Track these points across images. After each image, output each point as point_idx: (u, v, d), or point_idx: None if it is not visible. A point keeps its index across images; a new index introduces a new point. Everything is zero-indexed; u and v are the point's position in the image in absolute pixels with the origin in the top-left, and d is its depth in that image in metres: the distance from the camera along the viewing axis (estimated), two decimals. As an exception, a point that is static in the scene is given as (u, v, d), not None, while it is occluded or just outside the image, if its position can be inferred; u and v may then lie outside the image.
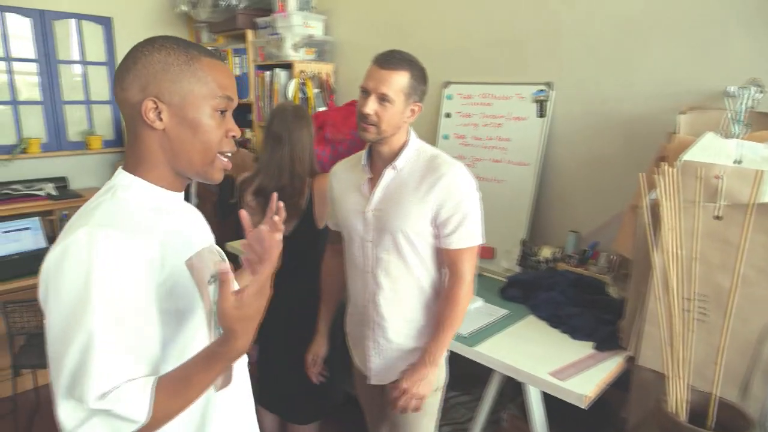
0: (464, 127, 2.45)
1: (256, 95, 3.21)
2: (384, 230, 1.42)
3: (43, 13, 3.15)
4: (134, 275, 0.79)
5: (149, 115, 0.85)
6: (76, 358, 0.74)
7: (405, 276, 1.45)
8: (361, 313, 1.55)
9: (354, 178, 1.51)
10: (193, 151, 0.88)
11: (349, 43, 3.07)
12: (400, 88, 1.34)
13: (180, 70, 0.86)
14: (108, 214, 0.82)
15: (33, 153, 3.19)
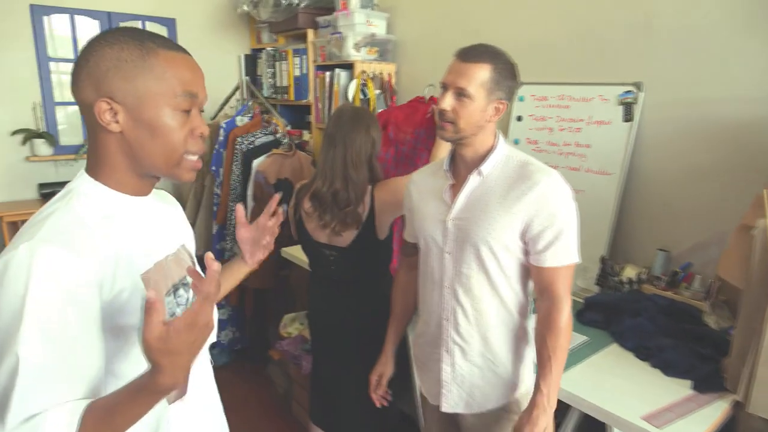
0: (538, 132, 2.26)
1: (315, 96, 3.13)
2: (466, 241, 1.29)
3: (110, 15, 3.19)
4: (74, 297, 0.74)
5: (104, 117, 0.79)
6: (2, 380, 0.71)
7: (488, 295, 1.31)
8: (434, 333, 1.41)
9: (435, 184, 1.39)
10: (154, 155, 0.83)
11: (412, 42, 2.93)
12: (481, 83, 1.22)
13: (134, 66, 0.79)
14: (57, 228, 0.77)
15: (98, 153, 3.23)
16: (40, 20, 2.98)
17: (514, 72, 1.27)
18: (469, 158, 1.31)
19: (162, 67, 0.80)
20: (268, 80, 3.42)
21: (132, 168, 0.84)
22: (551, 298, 1.26)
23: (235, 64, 3.73)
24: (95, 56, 0.79)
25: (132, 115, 0.80)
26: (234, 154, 2.89)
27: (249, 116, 3.09)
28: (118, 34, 0.81)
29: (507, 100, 1.26)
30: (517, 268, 1.30)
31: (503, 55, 1.26)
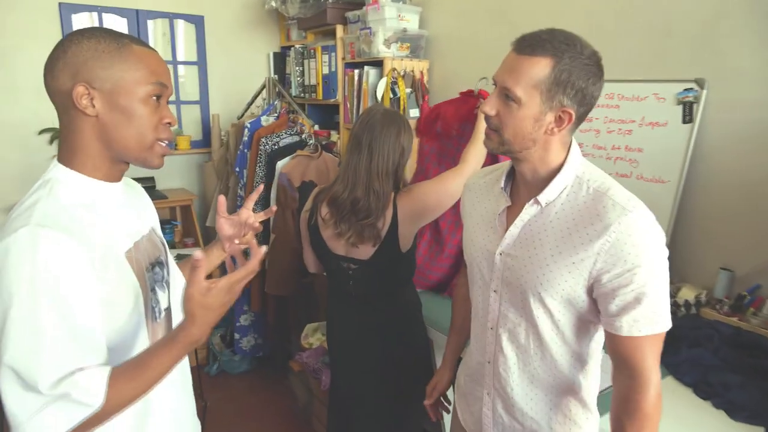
0: (583, 134, 2.04)
1: (344, 95, 2.98)
2: (514, 284, 1.06)
3: (138, 13, 3.14)
4: (76, 273, 0.81)
5: (81, 101, 0.85)
6: (25, 351, 0.76)
7: (536, 347, 1.07)
8: (476, 370, 1.22)
9: (489, 202, 1.15)
10: (128, 137, 0.89)
11: (446, 37, 2.75)
12: (534, 83, 0.93)
13: (111, 56, 0.86)
14: (47, 213, 0.83)
15: (124, 153, 3.19)
16: (69, 18, 2.95)
17: (591, 69, 0.94)
18: (528, 177, 1.04)
19: (136, 58, 0.88)
20: (296, 79, 3.31)
21: (105, 153, 0.90)
22: (632, 375, 0.97)
23: (265, 62, 3.64)
24: (73, 48, 0.85)
25: (108, 100, 0.87)
26: (258, 155, 2.78)
27: (275, 116, 2.98)
28: (94, 30, 0.88)
29: (581, 106, 0.96)
30: (576, 323, 1.04)
31: (576, 44, 0.94)
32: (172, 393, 1.03)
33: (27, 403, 0.77)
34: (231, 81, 3.54)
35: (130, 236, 0.96)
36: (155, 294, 0.99)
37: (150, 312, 0.96)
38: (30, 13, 2.85)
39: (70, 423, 0.78)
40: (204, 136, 3.53)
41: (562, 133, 0.98)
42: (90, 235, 0.85)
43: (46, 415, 0.77)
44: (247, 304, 3.02)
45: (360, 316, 1.74)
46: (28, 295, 0.77)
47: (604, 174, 1.03)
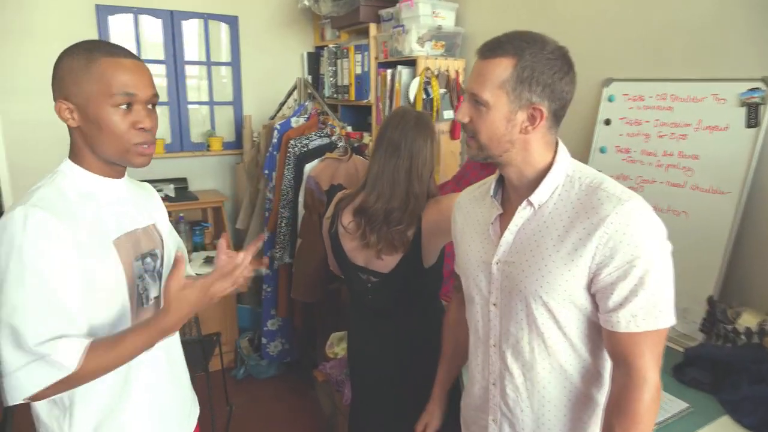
0: (630, 138, 1.87)
1: (376, 96, 2.88)
2: (514, 293, 1.01)
3: (173, 14, 3.13)
4: (58, 250, 0.93)
5: (64, 114, 0.99)
6: (13, 311, 0.89)
7: (543, 361, 1.01)
8: (480, 396, 1.13)
9: (481, 213, 1.12)
10: (104, 144, 1.00)
11: (484, 35, 2.56)
12: (499, 84, 0.93)
13: (80, 73, 0.96)
14: (43, 197, 0.96)
15: (157, 153, 3.19)
16: (105, 20, 2.97)
17: (556, 64, 0.93)
18: (515, 182, 1.02)
19: (101, 72, 0.96)
20: (329, 79, 3.23)
21: (96, 155, 1.02)
22: (628, 373, 0.93)
23: (299, 62, 3.58)
24: (59, 65, 0.99)
25: (82, 113, 0.98)
26: (287, 158, 2.71)
27: (305, 117, 2.90)
28: (76, 47, 0.98)
29: (550, 101, 0.94)
30: (585, 328, 0.99)
31: (537, 41, 0.94)
32: (153, 379, 1.13)
33: (15, 358, 0.89)
34: (265, 82, 3.50)
35: (122, 227, 1.06)
36: (143, 281, 1.09)
37: (136, 297, 1.07)
38: (67, 15, 2.88)
39: (47, 381, 0.90)
40: (237, 137, 3.50)
41: (541, 132, 0.97)
42: (80, 220, 0.97)
43: (28, 370, 0.89)
44: (275, 308, 2.96)
45: (379, 329, 1.63)
46: (15, 263, 0.89)
47: (596, 171, 1.01)
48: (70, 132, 1.03)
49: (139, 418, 1.10)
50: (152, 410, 1.13)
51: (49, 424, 1.03)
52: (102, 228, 1.02)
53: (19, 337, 0.89)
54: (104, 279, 1.00)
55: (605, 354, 1.00)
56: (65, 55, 0.98)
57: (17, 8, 2.76)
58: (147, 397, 1.12)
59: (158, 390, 1.15)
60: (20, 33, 2.80)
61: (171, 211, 3.10)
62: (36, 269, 0.90)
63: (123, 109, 0.98)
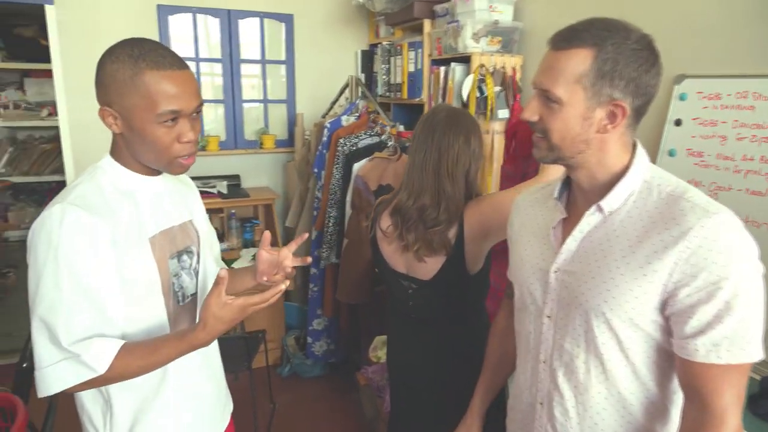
0: (704, 141, 1.69)
1: (429, 94, 2.80)
2: (572, 306, 0.92)
3: (230, 13, 3.18)
4: (96, 248, 0.94)
5: (107, 120, 0.98)
6: (49, 308, 0.91)
7: (599, 385, 0.91)
8: (526, 413, 1.05)
9: (542, 216, 1.04)
10: (146, 154, 1.00)
11: (545, 29, 2.46)
12: (575, 78, 0.84)
13: (125, 84, 0.94)
14: (81, 194, 0.97)
15: (212, 150, 3.26)
16: (165, 20, 3.05)
17: (641, 55, 0.83)
18: (585, 185, 0.93)
19: (146, 87, 0.94)
20: (382, 77, 3.18)
21: (136, 158, 1.03)
22: (703, 410, 0.81)
23: (353, 60, 3.55)
24: (102, 69, 0.96)
25: (126, 122, 0.97)
26: (336, 156, 2.68)
27: (356, 116, 2.87)
28: (120, 52, 0.95)
29: (633, 98, 0.84)
30: (652, 354, 0.88)
31: (619, 29, 0.84)
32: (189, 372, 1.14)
33: (49, 354, 0.91)
34: (318, 80, 3.49)
35: (158, 224, 1.07)
36: (179, 279, 1.11)
37: (172, 295, 1.09)
38: (129, 15, 2.99)
39: (75, 380, 0.92)
40: (289, 136, 3.52)
41: (618, 132, 0.87)
42: (118, 217, 0.99)
43: (59, 367, 0.91)
44: (321, 308, 2.94)
45: (420, 337, 1.55)
46: (52, 260, 0.91)
47: (678, 178, 0.90)
48: (112, 134, 1.04)
49: (176, 409, 1.12)
50: (189, 402, 1.15)
51: (92, 412, 1.07)
52: (139, 226, 1.03)
53: (54, 335, 0.91)
54: (139, 277, 1.01)
55: (675, 386, 0.89)
56: (109, 61, 0.95)
57: (85, 10, 2.89)
58: (184, 390, 1.14)
59: (194, 383, 1.17)
60: (87, 33, 2.93)
61: (223, 207, 3.17)
62: (72, 267, 0.92)
63: (168, 124, 0.97)
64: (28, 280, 0.94)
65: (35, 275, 0.92)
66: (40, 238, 0.92)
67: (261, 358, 2.82)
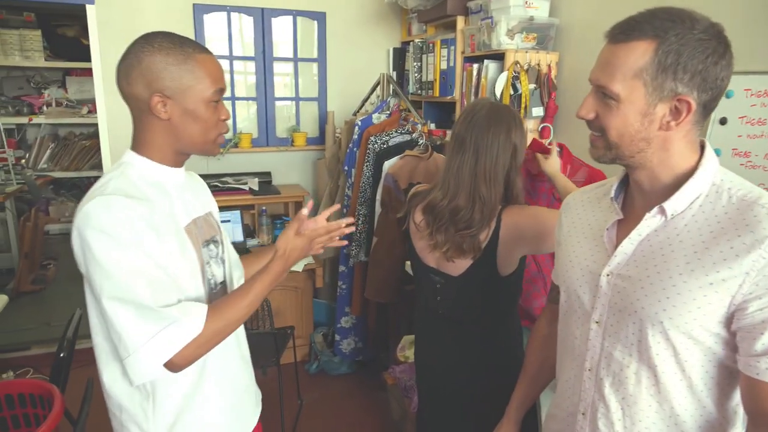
0: (752, 141, 1.62)
1: (461, 92, 2.77)
2: (626, 313, 0.86)
3: (263, 11, 3.20)
4: (143, 230, 0.96)
5: (157, 107, 1.01)
6: (130, 289, 0.92)
7: (650, 398, 0.86)
8: (566, 423, 1.00)
9: (594, 216, 0.99)
10: (194, 135, 1.05)
11: (581, 25, 2.40)
12: (634, 72, 0.78)
13: (179, 68, 1.00)
14: (119, 186, 0.99)
15: (244, 147, 3.29)
16: (201, 18, 3.10)
17: (709, 45, 0.77)
18: (646, 186, 0.88)
19: (199, 68, 1.02)
20: (414, 75, 3.15)
21: (172, 146, 1.06)
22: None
23: (384, 58, 3.54)
24: (147, 60, 0.99)
25: (178, 106, 1.02)
26: (366, 154, 2.67)
27: (387, 114, 2.85)
28: (163, 41, 1.00)
29: (699, 93, 0.78)
30: (712, 370, 0.82)
31: (684, 19, 0.78)
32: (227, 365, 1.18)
33: (144, 328, 0.91)
34: (349, 77, 3.49)
35: (189, 214, 1.11)
36: (210, 267, 1.14)
37: (206, 282, 1.11)
38: (166, 13, 3.04)
39: (179, 346, 0.93)
40: (320, 133, 3.53)
41: (683, 129, 0.81)
42: (155, 207, 1.01)
43: (158, 339, 0.91)
44: (349, 306, 2.94)
45: (447, 341, 1.53)
46: (113, 244, 0.92)
47: (750, 183, 0.84)
48: (141, 124, 1.05)
49: (215, 400, 1.14)
50: (227, 393, 1.18)
51: (132, 410, 1.06)
52: (174, 215, 1.06)
53: (143, 311, 0.91)
54: (182, 265, 1.03)
55: (735, 406, 0.84)
56: (155, 50, 0.99)
57: (124, 9, 2.95)
58: (222, 381, 1.16)
59: (233, 375, 1.20)
60: (126, 32, 2.97)
61: (254, 204, 3.20)
62: (137, 245, 0.94)
63: (213, 104, 1.04)
64: (88, 275, 0.95)
65: (96, 266, 0.92)
66: (90, 229, 0.93)
67: (289, 355, 2.84)
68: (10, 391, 1.59)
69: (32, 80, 5.21)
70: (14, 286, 3.82)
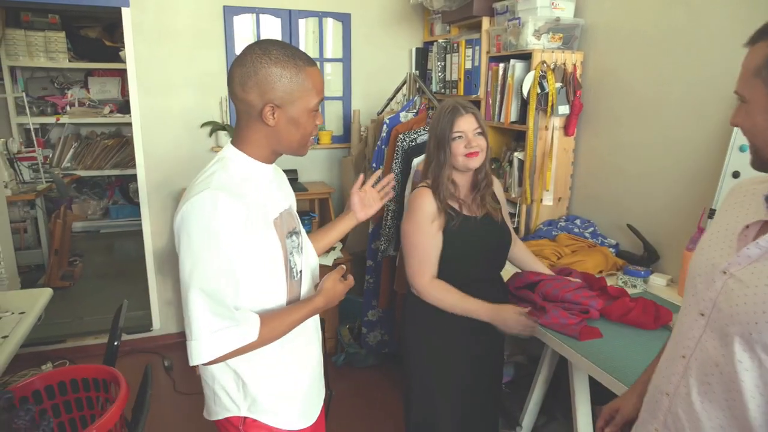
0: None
1: (486, 91, 2.84)
2: (726, 314, 0.85)
3: (291, 13, 3.29)
4: (238, 228, 1.06)
5: (268, 116, 1.10)
6: (212, 283, 1.03)
7: (728, 409, 0.85)
8: (655, 399, 1.02)
9: (744, 210, 0.94)
10: (294, 140, 1.16)
11: (606, 26, 2.47)
12: (753, 72, 0.80)
13: (291, 81, 1.09)
14: (222, 181, 1.09)
15: (272, 146, 3.37)
16: (231, 20, 3.18)
17: None
18: None
19: (308, 80, 1.11)
20: (437, 74, 3.23)
21: (272, 146, 1.16)
22: None
23: (407, 58, 3.62)
24: (263, 71, 1.08)
25: (285, 114, 1.11)
26: (395, 152, 2.75)
27: (414, 112, 2.93)
28: (279, 54, 1.08)
29: None
30: None
31: None
32: (300, 342, 1.29)
33: (211, 323, 1.02)
34: (373, 77, 3.57)
35: (276, 208, 1.20)
36: (293, 257, 1.23)
37: (289, 271, 1.21)
38: (197, 15, 3.12)
39: (236, 345, 1.05)
40: (345, 132, 3.61)
41: None
42: (250, 201, 1.10)
43: (221, 334, 1.03)
44: (376, 300, 3.02)
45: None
46: (213, 240, 1.03)
47: None
48: (247, 125, 1.14)
49: (294, 374, 1.27)
50: (305, 367, 1.30)
51: (225, 382, 1.20)
52: (264, 208, 1.15)
53: (219, 306, 1.03)
54: (267, 254, 1.14)
55: None
56: (272, 62, 1.07)
57: (157, 11, 3.04)
58: (300, 355, 1.29)
59: (308, 350, 1.33)
60: (158, 34, 3.08)
61: (282, 200, 3.28)
62: (229, 247, 1.04)
63: (314, 113, 1.15)
64: (181, 258, 1.05)
65: (190, 254, 1.03)
66: (195, 220, 1.03)
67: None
68: (75, 376, 1.67)
69: (56, 81, 5.32)
70: (45, 282, 3.93)
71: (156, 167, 3.20)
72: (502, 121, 2.73)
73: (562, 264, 2.24)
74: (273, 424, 1.23)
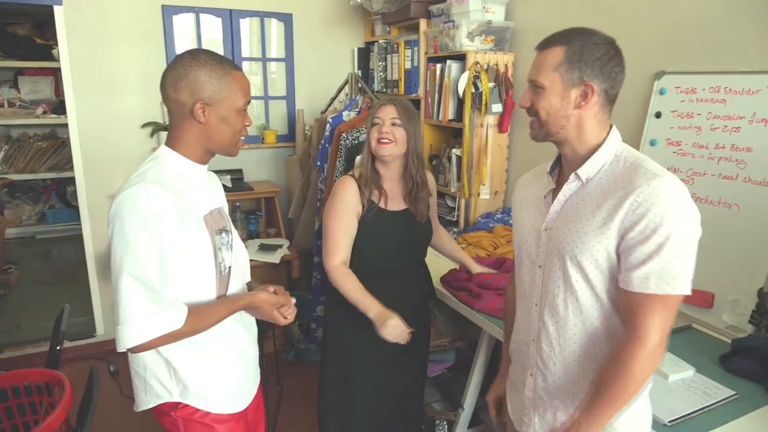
0: (682, 132, 1.88)
1: (425, 90, 2.96)
2: (554, 254, 1.14)
3: (231, 12, 3.29)
4: (171, 220, 1.13)
5: (199, 113, 1.19)
6: (148, 271, 1.09)
7: (573, 317, 1.12)
8: (522, 352, 1.25)
9: (537, 189, 1.26)
10: (224, 138, 1.24)
11: (534, 29, 2.63)
12: (553, 67, 1.07)
13: (219, 82, 1.19)
14: (155, 176, 1.15)
15: (216, 146, 3.36)
16: (170, 19, 3.15)
17: (603, 47, 1.06)
18: (570, 158, 1.15)
19: (234, 84, 1.21)
20: (379, 74, 3.32)
21: (204, 145, 1.24)
22: (631, 330, 1.02)
23: (349, 57, 3.69)
24: (194, 73, 1.18)
25: (215, 112, 1.20)
26: (338, 150, 2.82)
27: (356, 111, 3.00)
28: (207, 58, 1.19)
29: (599, 78, 1.06)
30: (612, 288, 1.07)
31: (587, 32, 1.08)
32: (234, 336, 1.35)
33: (141, 308, 1.07)
34: (316, 77, 3.62)
35: (207, 205, 1.27)
36: (221, 252, 1.29)
37: (218, 266, 1.27)
38: (135, 15, 3.08)
39: (161, 331, 1.09)
40: (289, 131, 3.65)
41: (592, 110, 1.08)
42: (182, 196, 1.17)
43: (151, 320, 1.07)
44: (323, 295, 3.08)
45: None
46: (143, 228, 1.08)
47: (640, 154, 1.10)
48: (180, 125, 1.22)
49: (227, 364, 1.33)
50: (238, 360, 1.36)
51: (157, 369, 1.25)
52: (196, 205, 1.23)
53: (151, 292, 1.08)
54: (196, 247, 1.20)
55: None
56: (200, 66, 1.17)
57: (92, 10, 2.97)
58: (234, 349, 1.35)
59: (243, 345, 1.38)
60: (95, 32, 3.01)
61: (228, 200, 3.25)
62: (158, 234, 1.10)
63: (243, 113, 1.24)
64: (113, 245, 1.10)
65: (123, 240, 1.08)
66: (128, 209, 1.08)
67: (269, 345, 2.96)
68: (16, 382, 1.66)
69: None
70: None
71: (95, 169, 3.13)
72: (441, 119, 2.85)
73: (499, 254, 2.38)
74: (205, 408, 1.29)
